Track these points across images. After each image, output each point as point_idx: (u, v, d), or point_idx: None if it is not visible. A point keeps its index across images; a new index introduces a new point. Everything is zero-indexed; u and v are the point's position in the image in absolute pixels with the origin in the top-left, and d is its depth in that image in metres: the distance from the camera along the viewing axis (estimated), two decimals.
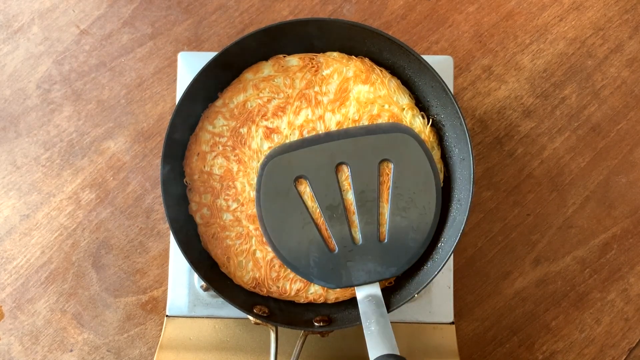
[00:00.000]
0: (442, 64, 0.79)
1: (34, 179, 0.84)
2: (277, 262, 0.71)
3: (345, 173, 0.70)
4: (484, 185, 0.86)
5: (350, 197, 0.70)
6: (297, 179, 0.70)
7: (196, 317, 0.77)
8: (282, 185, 0.69)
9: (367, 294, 0.67)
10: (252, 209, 0.71)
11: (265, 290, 0.71)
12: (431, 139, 0.72)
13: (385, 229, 0.69)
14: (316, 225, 0.69)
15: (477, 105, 0.87)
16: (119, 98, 0.86)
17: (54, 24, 0.87)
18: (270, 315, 0.70)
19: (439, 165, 0.73)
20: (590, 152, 0.86)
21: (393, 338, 0.61)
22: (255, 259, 0.71)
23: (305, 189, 0.70)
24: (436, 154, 0.73)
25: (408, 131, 0.70)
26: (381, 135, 0.70)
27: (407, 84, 0.74)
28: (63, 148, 0.85)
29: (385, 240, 0.69)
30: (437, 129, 0.74)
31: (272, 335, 0.71)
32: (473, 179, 0.68)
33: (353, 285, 0.68)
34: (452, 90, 0.72)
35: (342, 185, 0.70)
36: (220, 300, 0.76)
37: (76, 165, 0.85)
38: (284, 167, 0.69)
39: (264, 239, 0.70)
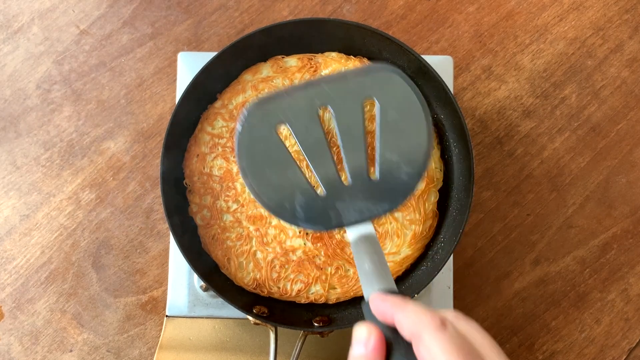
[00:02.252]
0: (442, 64, 0.79)
1: (34, 179, 0.84)
2: (277, 262, 0.71)
3: (329, 114, 0.67)
4: (484, 185, 0.86)
5: (335, 137, 0.67)
6: (278, 124, 0.66)
7: (196, 317, 0.77)
8: (264, 133, 0.66)
9: (359, 234, 0.62)
10: (252, 210, 0.71)
11: (266, 290, 0.71)
12: None
13: (375, 166, 0.65)
14: (301, 170, 0.66)
15: (477, 105, 0.87)
16: (119, 98, 0.86)
17: (54, 24, 0.87)
18: (269, 315, 0.70)
19: (439, 165, 0.73)
20: (590, 152, 0.86)
21: (389, 273, 0.56)
22: (255, 260, 0.71)
23: (288, 135, 0.68)
24: (436, 154, 0.73)
25: (390, 69, 0.67)
26: (363, 76, 0.66)
27: None
28: (63, 148, 0.85)
29: (377, 177, 0.65)
30: (437, 128, 0.74)
31: (272, 336, 0.71)
32: (473, 179, 0.68)
33: (343, 226, 0.63)
34: (452, 90, 0.72)
35: (325, 126, 0.68)
36: (220, 300, 0.76)
37: (76, 165, 0.85)
38: (265, 115, 0.66)
39: (247, 189, 0.67)
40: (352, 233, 0.62)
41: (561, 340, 0.83)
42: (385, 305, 0.49)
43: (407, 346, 0.46)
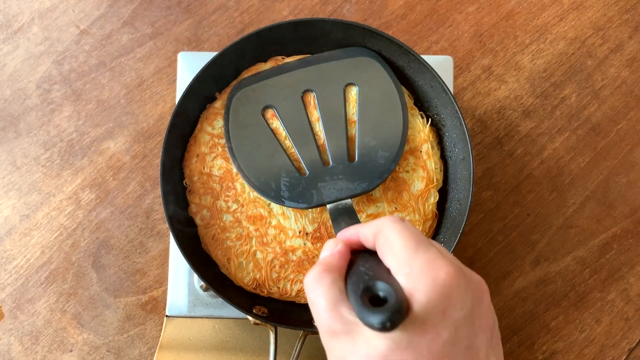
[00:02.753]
0: (442, 64, 0.79)
1: (34, 179, 0.84)
2: (277, 262, 0.71)
3: (312, 99, 0.71)
4: (484, 185, 0.86)
5: (318, 121, 0.71)
6: (264, 109, 0.70)
7: (196, 317, 0.77)
8: (250, 115, 0.70)
9: (337, 206, 0.67)
10: (252, 210, 0.71)
11: (265, 291, 0.71)
12: (431, 139, 0.72)
13: (355, 149, 0.70)
14: (285, 152, 0.70)
15: (477, 105, 0.87)
16: (119, 98, 0.86)
17: (54, 24, 0.87)
18: (269, 315, 0.70)
19: (439, 165, 0.73)
20: (590, 152, 0.86)
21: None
22: (255, 260, 0.71)
23: (274, 118, 0.71)
24: (435, 154, 0.73)
25: (370, 54, 0.71)
26: (344, 60, 0.70)
27: (407, 84, 0.74)
28: (63, 148, 0.85)
29: (356, 160, 0.69)
30: (436, 128, 0.74)
31: (272, 336, 0.71)
32: (473, 179, 0.68)
33: (325, 203, 0.68)
34: (452, 90, 0.72)
35: (309, 111, 0.71)
36: (220, 300, 0.76)
37: (76, 165, 0.85)
38: (251, 97, 0.70)
39: (235, 169, 0.70)
40: (332, 210, 0.67)
41: (561, 340, 0.83)
42: (349, 231, 0.51)
43: (370, 255, 0.49)
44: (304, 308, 0.72)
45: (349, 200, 0.67)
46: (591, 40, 0.88)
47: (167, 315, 0.77)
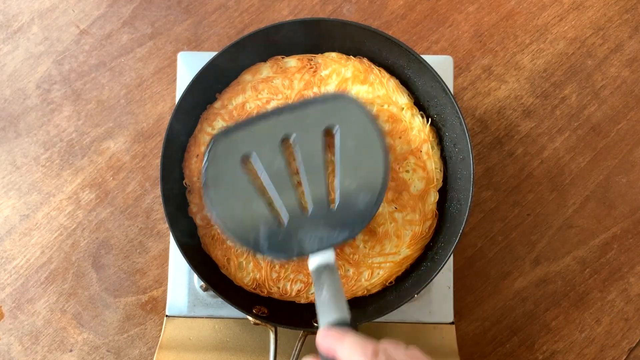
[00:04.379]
0: (442, 63, 0.79)
1: (34, 179, 0.84)
2: (277, 262, 0.71)
3: (291, 145, 0.69)
4: (484, 185, 0.86)
5: (297, 167, 0.68)
6: (243, 156, 0.68)
7: (196, 317, 0.77)
8: (228, 165, 0.68)
9: (319, 262, 0.64)
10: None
11: (265, 291, 0.71)
12: (430, 139, 0.72)
13: (335, 194, 0.68)
14: (265, 199, 0.67)
15: (477, 105, 0.87)
16: (118, 98, 0.86)
17: (54, 24, 0.87)
18: (269, 315, 0.70)
19: (439, 165, 0.73)
20: (590, 152, 0.86)
21: (345, 304, 0.58)
22: (255, 260, 0.71)
23: (252, 166, 0.70)
24: (435, 154, 0.73)
25: (347, 97, 0.69)
26: (322, 105, 0.68)
27: (407, 84, 0.74)
28: (63, 148, 0.85)
29: (336, 206, 0.67)
30: (436, 128, 0.74)
31: (272, 336, 0.71)
32: (473, 179, 0.68)
33: (306, 254, 0.65)
34: (452, 90, 0.72)
35: (288, 157, 0.69)
36: (220, 300, 0.76)
37: (76, 165, 0.85)
38: (229, 147, 0.68)
39: (212, 220, 0.69)
40: (312, 261, 0.64)
41: (561, 340, 0.83)
42: (327, 341, 0.51)
43: None
44: (304, 308, 0.72)
45: (331, 257, 0.65)
46: (591, 40, 0.88)
47: (167, 315, 0.77)
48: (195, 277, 0.77)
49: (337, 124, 0.67)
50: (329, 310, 0.57)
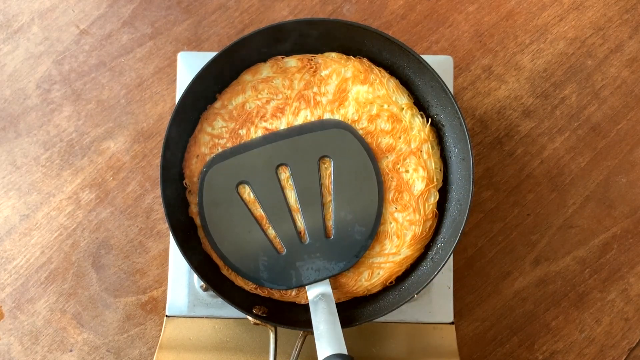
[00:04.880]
0: (442, 64, 0.79)
1: (34, 179, 0.84)
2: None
3: (287, 173, 0.70)
4: (484, 185, 0.86)
5: (293, 196, 0.70)
6: (238, 184, 0.69)
7: (196, 317, 0.77)
8: (224, 192, 0.69)
9: (317, 292, 0.67)
10: (252, 211, 0.71)
11: (265, 291, 0.71)
12: (430, 139, 0.72)
13: (331, 224, 0.69)
14: (262, 229, 0.69)
15: (477, 105, 0.87)
16: (118, 98, 0.86)
17: (54, 24, 0.87)
18: (269, 315, 0.70)
19: (439, 165, 0.73)
20: (590, 152, 0.86)
21: (341, 337, 0.61)
22: None
23: (248, 194, 0.70)
24: (435, 153, 0.73)
25: (343, 125, 0.70)
26: (318, 133, 0.69)
27: (407, 84, 0.74)
28: (63, 148, 0.85)
29: (332, 236, 0.69)
30: (436, 128, 0.74)
31: (272, 336, 0.71)
32: (473, 179, 0.68)
33: (303, 285, 0.68)
34: (452, 91, 0.72)
35: (284, 186, 0.70)
36: (220, 300, 0.76)
37: (76, 165, 0.85)
38: (224, 174, 0.69)
39: (211, 249, 0.70)
40: (310, 292, 0.67)
41: (561, 340, 0.83)
42: None
43: None
44: (304, 308, 0.72)
45: (329, 288, 0.67)
46: (591, 40, 0.88)
47: (167, 315, 0.77)
48: (195, 277, 0.77)
49: (332, 153, 0.69)
50: (326, 345, 0.60)
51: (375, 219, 0.69)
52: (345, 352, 0.59)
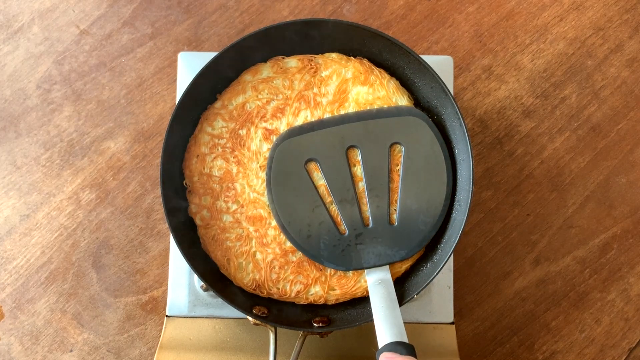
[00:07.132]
0: (442, 64, 0.79)
1: (34, 179, 0.84)
2: (277, 263, 0.71)
3: (356, 156, 0.70)
4: (484, 185, 0.86)
5: (360, 180, 0.70)
6: (307, 161, 0.69)
7: (196, 317, 0.77)
8: (292, 167, 0.69)
9: (376, 278, 0.66)
10: (252, 211, 0.71)
11: (265, 291, 0.71)
12: None
13: (395, 212, 0.69)
14: (326, 208, 0.69)
15: (477, 105, 0.87)
16: (119, 98, 0.86)
17: (54, 24, 0.87)
18: (269, 315, 0.70)
19: None
20: (590, 152, 0.86)
21: (402, 324, 0.61)
22: (255, 261, 0.71)
23: (316, 172, 0.70)
24: None
25: (419, 114, 0.70)
26: (392, 119, 0.69)
27: (407, 85, 0.74)
28: (63, 148, 0.85)
29: (396, 224, 0.68)
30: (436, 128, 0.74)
31: (272, 336, 0.71)
32: (473, 179, 0.68)
33: (363, 268, 0.68)
34: (452, 91, 0.72)
35: (352, 168, 0.70)
36: (220, 300, 0.76)
37: (76, 165, 0.85)
38: (295, 149, 0.69)
39: (275, 222, 0.70)
40: (369, 277, 0.67)
41: (561, 340, 0.83)
42: None
43: None
44: (304, 308, 0.72)
45: (388, 275, 0.67)
46: (591, 40, 0.88)
47: (167, 315, 0.77)
48: (196, 277, 0.77)
49: (404, 141, 0.68)
50: (388, 331, 0.60)
51: (441, 211, 0.68)
52: (406, 340, 0.58)
